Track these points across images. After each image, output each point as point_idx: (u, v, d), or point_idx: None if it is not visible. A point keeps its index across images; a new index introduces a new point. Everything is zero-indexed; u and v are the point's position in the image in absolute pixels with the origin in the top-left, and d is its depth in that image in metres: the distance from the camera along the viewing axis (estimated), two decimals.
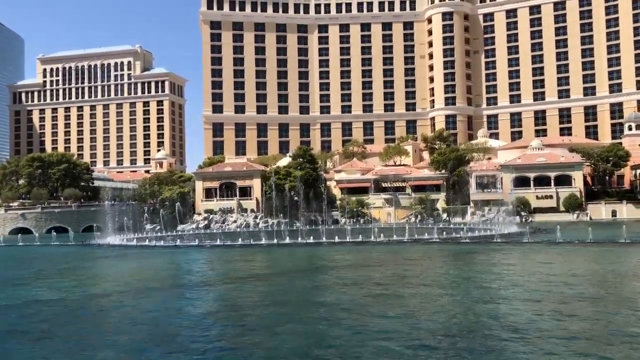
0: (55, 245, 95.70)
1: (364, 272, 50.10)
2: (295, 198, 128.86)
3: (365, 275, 47.39)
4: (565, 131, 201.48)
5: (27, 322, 31.20)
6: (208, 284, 45.10)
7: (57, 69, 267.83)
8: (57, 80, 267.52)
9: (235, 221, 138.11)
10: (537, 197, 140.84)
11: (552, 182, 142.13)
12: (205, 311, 32.92)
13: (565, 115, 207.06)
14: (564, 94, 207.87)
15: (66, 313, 33.81)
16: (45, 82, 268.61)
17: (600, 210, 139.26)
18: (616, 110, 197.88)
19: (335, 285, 41.67)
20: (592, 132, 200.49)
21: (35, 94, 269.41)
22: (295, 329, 27.18)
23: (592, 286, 38.16)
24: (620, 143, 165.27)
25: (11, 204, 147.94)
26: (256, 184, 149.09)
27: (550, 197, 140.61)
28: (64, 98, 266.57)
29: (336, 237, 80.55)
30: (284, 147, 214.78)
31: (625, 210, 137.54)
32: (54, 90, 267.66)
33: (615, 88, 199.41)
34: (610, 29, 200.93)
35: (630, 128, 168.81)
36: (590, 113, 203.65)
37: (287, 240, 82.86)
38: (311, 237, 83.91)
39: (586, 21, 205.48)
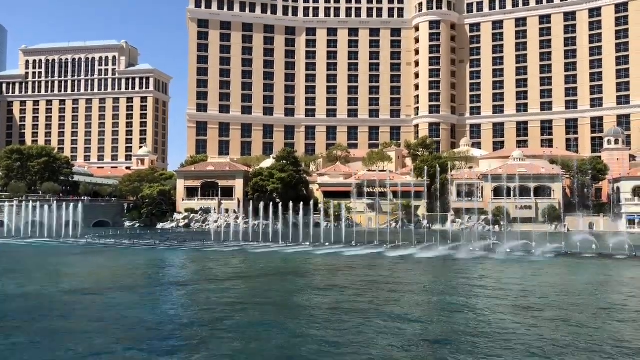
0: (30, 241, 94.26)
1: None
2: (278, 200, 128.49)
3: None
4: (547, 143, 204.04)
5: None
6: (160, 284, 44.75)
7: (41, 61, 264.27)
8: (40, 73, 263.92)
9: (216, 221, 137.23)
10: (517, 207, 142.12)
11: (532, 192, 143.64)
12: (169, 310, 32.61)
13: (547, 127, 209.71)
14: (546, 106, 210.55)
15: (37, 308, 33.29)
16: (27, 73, 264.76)
17: (577, 222, 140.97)
18: (597, 124, 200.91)
19: (308, 288, 41.62)
20: (572, 144, 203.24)
21: (17, 85, 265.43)
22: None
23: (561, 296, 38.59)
24: (600, 157, 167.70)
25: None
26: (238, 184, 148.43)
27: (530, 207, 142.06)
28: (47, 91, 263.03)
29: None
30: (268, 149, 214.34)
31: (602, 223, 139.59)
32: (37, 83, 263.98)
33: (597, 102, 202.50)
34: (594, 44, 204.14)
35: (609, 142, 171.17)
36: (572, 126, 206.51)
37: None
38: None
39: (570, 35, 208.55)
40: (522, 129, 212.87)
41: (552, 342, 25.25)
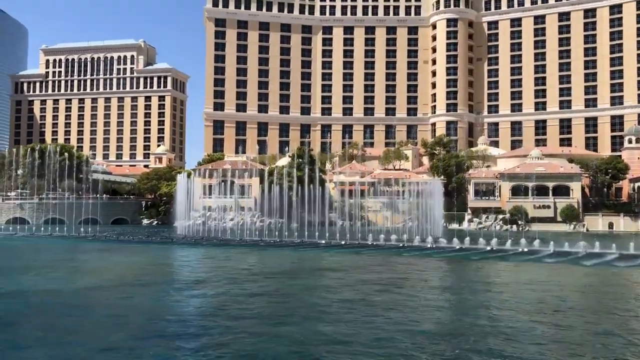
0: (51, 237, 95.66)
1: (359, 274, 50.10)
2: (293, 198, 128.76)
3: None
4: (565, 142, 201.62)
5: (14, 312, 31.17)
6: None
7: (60, 60, 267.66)
8: (60, 72, 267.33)
9: (232, 219, 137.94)
10: (535, 207, 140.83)
11: (550, 192, 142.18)
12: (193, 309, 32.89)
13: (565, 125, 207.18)
14: (565, 104, 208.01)
15: (56, 305, 33.77)
16: (47, 73, 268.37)
17: (597, 222, 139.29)
18: (617, 122, 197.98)
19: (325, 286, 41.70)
20: (592, 143, 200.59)
21: (37, 84, 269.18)
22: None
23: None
24: (620, 156, 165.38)
25: (9, 194, 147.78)
26: (254, 182, 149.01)
27: (548, 207, 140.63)
28: (66, 90, 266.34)
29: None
30: (283, 147, 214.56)
31: (622, 223, 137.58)
32: (56, 82, 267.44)
33: (617, 101, 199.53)
34: (614, 42, 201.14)
35: (630, 141, 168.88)
36: (591, 125, 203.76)
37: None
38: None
39: (590, 33, 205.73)
40: (540, 127, 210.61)
41: None
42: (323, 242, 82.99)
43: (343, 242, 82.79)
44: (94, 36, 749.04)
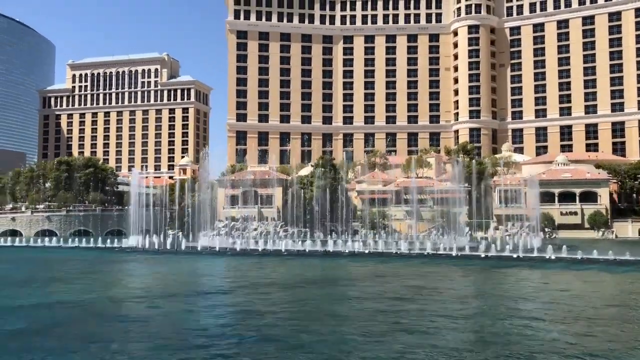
0: (79, 248, 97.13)
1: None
2: (316, 208, 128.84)
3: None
4: (592, 147, 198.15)
5: (44, 323, 31.63)
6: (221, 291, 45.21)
7: (86, 74, 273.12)
8: (86, 86, 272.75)
9: (255, 229, 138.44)
10: (562, 214, 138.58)
11: (577, 198, 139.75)
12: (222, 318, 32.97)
13: (591, 130, 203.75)
14: (590, 109, 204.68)
15: (88, 315, 34.19)
16: (74, 87, 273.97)
17: (626, 229, 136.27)
18: None
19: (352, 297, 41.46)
20: (619, 148, 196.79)
21: (64, 99, 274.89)
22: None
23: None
24: None
25: (37, 207, 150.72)
26: (277, 192, 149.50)
27: (575, 213, 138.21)
28: (92, 103, 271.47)
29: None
30: (306, 157, 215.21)
31: None
32: (82, 96, 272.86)
33: None
34: None
35: None
36: (618, 129, 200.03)
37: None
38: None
39: (615, 36, 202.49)
40: (565, 133, 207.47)
41: None
42: (347, 251, 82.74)
43: (367, 251, 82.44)
44: (119, 49, 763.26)
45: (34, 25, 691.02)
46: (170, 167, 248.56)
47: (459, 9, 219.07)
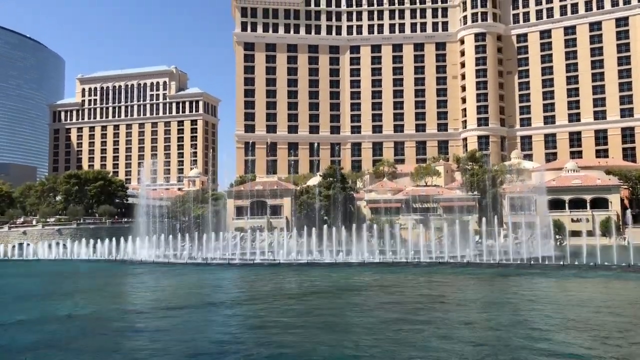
0: (89, 261, 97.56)
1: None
2: (325, 217, 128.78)
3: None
4: (602, 153, 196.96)
5: (62, 336, 31.78)
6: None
7: (96, 88, 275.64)
8: (95, 100, 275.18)
9: (263, 240, 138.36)
10: (572, 220, 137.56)
11: (588, 205, 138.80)
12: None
13: (601, 136, 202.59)
14: (600, 115, 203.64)
15: (102, 327, 34.31)
16: (83, 101, 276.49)
17: (639, 235, 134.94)
18: None
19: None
20: (629, 154, 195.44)
21: (74, 112, 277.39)
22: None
23: None
24: None
25: (48, 220, 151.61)
26: (286, 202, 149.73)
27: (586, 220, 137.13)
28: (101, 117, 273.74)
29: None
30: (314, 167, 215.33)
31: None
32: (92, 109, 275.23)
33: None
34: None
35: None
36: (628, 135, 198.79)
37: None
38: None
39: (623, 42, 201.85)
40: (575, 139, 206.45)
41: None
42: (356, 260, 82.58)
43: (377, 261, 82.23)
44: (127, 63, 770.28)
45: (44, 41, 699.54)
46: (180, 179, 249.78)
47: (465, 17, 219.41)
